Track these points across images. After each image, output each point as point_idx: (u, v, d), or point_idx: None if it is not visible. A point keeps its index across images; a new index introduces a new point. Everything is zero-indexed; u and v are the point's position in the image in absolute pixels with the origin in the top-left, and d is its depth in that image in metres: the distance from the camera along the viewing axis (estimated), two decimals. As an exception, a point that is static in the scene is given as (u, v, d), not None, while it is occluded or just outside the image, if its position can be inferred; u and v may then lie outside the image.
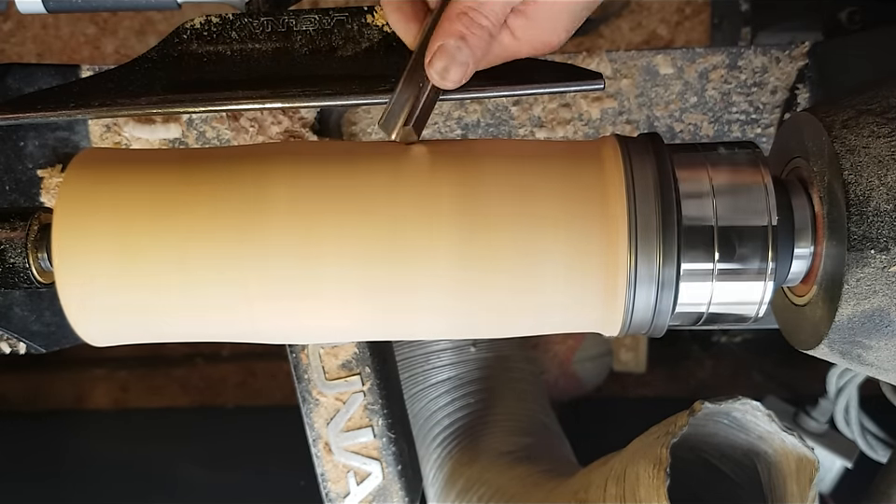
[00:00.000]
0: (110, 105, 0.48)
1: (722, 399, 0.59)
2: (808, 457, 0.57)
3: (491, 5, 0.42)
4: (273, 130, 0.63)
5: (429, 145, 0.44)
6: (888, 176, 0.39)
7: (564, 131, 0.69)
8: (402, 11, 0.45)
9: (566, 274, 0.40)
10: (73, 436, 1.32)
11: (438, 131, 0.70)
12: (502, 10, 0.42)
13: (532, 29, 0.43)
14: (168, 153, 0.45)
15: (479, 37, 0.42)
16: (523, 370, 0.97)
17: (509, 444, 0.86)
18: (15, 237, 0.44)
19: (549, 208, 0.40)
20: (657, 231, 0.40)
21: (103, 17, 1.21)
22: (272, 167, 0.42)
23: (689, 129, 0.69)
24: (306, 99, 0.48)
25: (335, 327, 0.43)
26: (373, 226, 0.40)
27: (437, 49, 0.43)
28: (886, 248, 0.38)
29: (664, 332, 0.43)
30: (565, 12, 0.43)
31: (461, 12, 0.42)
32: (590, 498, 0.66)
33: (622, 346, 1.31)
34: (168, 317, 0.42)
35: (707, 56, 0.68)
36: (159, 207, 0.41)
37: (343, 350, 0.64)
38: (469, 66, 0.43)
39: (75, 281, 0.41)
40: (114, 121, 0.68)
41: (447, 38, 0.42)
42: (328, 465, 0.66)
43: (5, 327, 0.61)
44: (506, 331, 0.44)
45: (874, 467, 1.00)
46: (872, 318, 0.40)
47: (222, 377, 1.39)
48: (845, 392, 1.03)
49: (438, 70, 0.43)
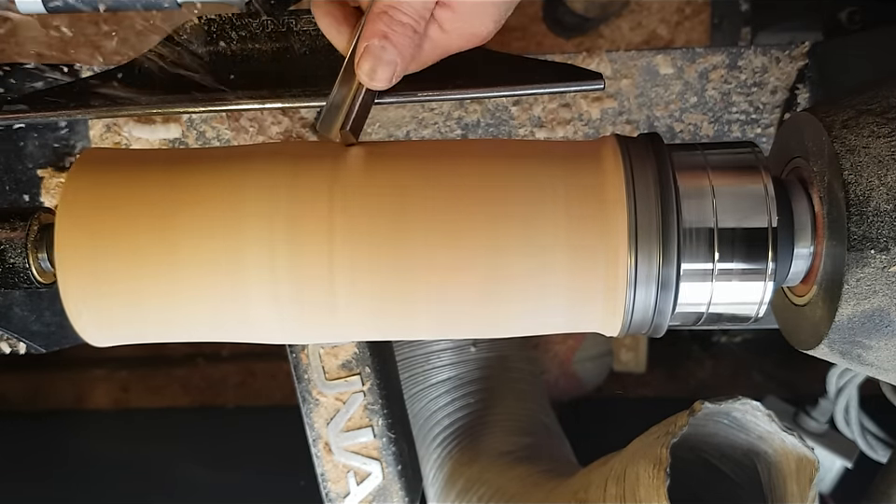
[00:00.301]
0: (110, 105, 0.48)
1: (722, 399, 0.59)
2: (808, 457, 0.57)
3: (411, 2, 0.42)
4: (272, 130, 0.63)
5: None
6: (888, 176, 0.39)
7: (564, 131, 0.69)
8: (332, 16, 0.45)
9: (566, 274, 0.40)
10: (73, 436, 1.32)
11: (438, 131, 0.70)
12: (423, 6, 0.42)
13: (459, 21, 0.44)
14: (170, 153, 0.45)
15: (402, 35, 0.42)
16: (523, 370, 0.97)
17: (509, 444, 0.86)
18: (15, 237, 0.43)
19: (548, 208, 0.40)
20: (657, 231, 0.40)
21: (103, 17, 1.21)
22: (272, 167, 0.42)
23: (689, 129, 0.69)
24: (306, 99, 0.48)
25: (332, 331, 0.43)
26: (366, 227, 0.40)
27: (363, 51, 0.43)
28: (886, 248, 0.38)
29: (664, 332, 0.43)
30: (490, 4, 0.43)
31: (381, 11, 0.42)
32: (590, 498, 0.66)
33: (622, 346, 1.31)
34: (169, 317, 0.42)
35: (707, 56, 0.68)
36: (160, 207, 0.41)
37: (342, 350, 0.64)
38: (398, 65, 0.43)
39: (76, 281, 0.41)
40: (114, 121, 0.68)
41: (371, 39, 0.43)
42: (328, 465, 0.66)
43: (5, 327, 0.61)
44: (507, 331, 0.44)
45: (874, 467, 1.00)
46: (872, 318, 0.40)
47: (222, 377, 1.39)
48: (845, 392, 1.03)
49: (366, 71, 0.43)
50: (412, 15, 0.42)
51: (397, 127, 0.69)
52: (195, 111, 0.49)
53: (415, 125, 0.69)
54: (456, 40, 0.45)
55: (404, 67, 0.44)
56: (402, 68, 0.44)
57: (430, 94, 0.48)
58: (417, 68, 0.46)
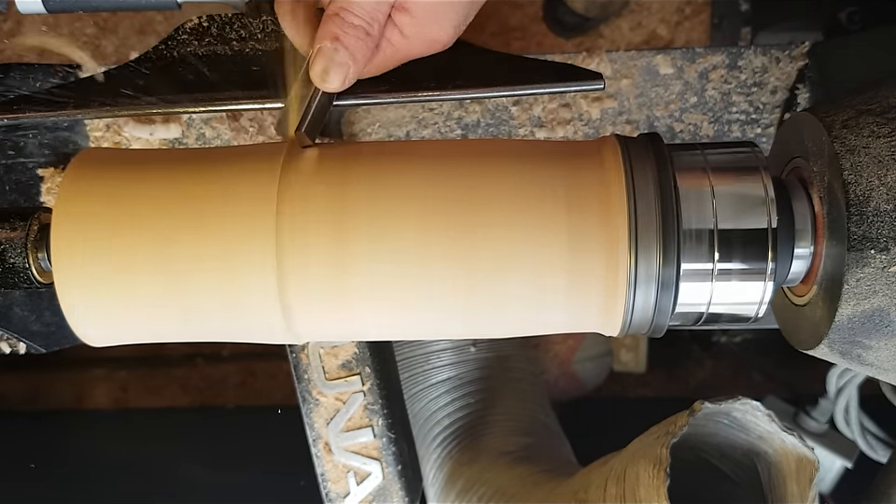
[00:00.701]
0: (110, 105, 0.48)
1: (722, 399, 0.59)
2: (808, 457, 0.57)
3: (362, 4, 0.42)
4: (273, 130, 0.63)
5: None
6: (888, 176, 0.39)
7: (564, 131, 0.69)
8: (294, 15, 0.45)
9: (566, 275, 0.40)
10: (73, 436, 1.32)
11: (438, 131, 0.70)
12: (375, 9, 0.42)
13: (418, 26, 0.44)
14: (168, 153, 0.45)
15: (354, 37, 0.42)
16: (523, 370, 0.97)
17: (509, 444, 0.86)
18: (15, 237, 0.44)
19: (549, 208, 0.40)
20: (657, 231, 0.40)
21: (103, 17, 1.21)
22: (271, 166, 0.42)
23: (689, 129, 0.69)
24: (306, 99, 0.48)
25: (331, 330, 0.43)
26: (367, 226, 0.41)
27: (315, 52, 0.43)
28: (886, 248, 0.38)
29: (664, 332, 0.43)
30: (449, 9, 0.43)
31: (334, 13, 0.42)
32: (590, 498, 0.66)
33: (622, 346, 1.31)
34: (166, 317, 0.42)
35: (707, 56, 0.68)
36: (157, 207, 0.41)
37: (342, 350, 0.64)
38: (350, 68, 0.43)
39: (74, 281, 0.41)
40: (114, 121, 0.68)
41: (323, 41, 0.43)
42: (328, 465, 0.66)
43: (5, 327, 0.61)
44: (506, 331, 0.44)
45: (874, 467, 1.00)
46: (872, 318, 0.40)
47: (222, 377, 1.39)
48: (845, 392, 1.03)
49: (318, 73, 0.43)
50: (363, 17, 0.42)
51: (397, 127, 0.69)
52: (195, 111, 0.49)
53: (415, 125, 0.69)
54: (417, 45, 0.45)
55: (358, 70, 0.44)
56: (356, 70, 0.44)
57: (430, 94, 0.48)
58: (377, 72, 0.46)
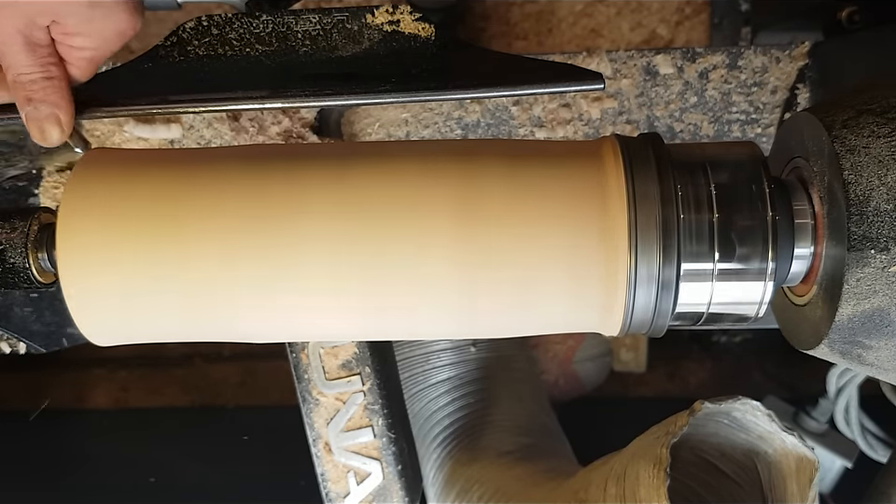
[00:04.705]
0: (110, 105, 0.48)
1: (722, 399, 0.59)
2: (808, 457, 0.57)
3: (21, 59, 0.43)
4: (272, 130, 0.63)
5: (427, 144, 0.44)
6: (888, 176, 0.39)
7: (564, 131, 0.69)
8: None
9: (566, 275, 0.40)
10: (73, 436, 1.32)
11: (438, 131, 0.70)
12: (36, 54, 0.43)
13: (87, 33, 0.44)
14: (171, 153, 0.45)
15: (41, 89, 0.43)
16: (523, 370, 0.97)
17: (509, 444, 0.86)
18: (15, 237, 0.44)
19: (549, 208, 0.40)
20: (657, 231, 0.40)
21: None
22: (273, 168, 0.42)
23: (689, 129, 0.69)
24: (306, 99, 0.48)
25: (333, 327, 0.43)
26: (367, 225, 0.41)
27: (25, 120, 0.44)
28: (886, 248, 0.38)
29: (664, 332, 0.43)
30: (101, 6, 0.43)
31: (12, 81, 0.43)
32: (590, 498, 0.66)
33: (622, 346, 1.31)
34: (171, 317, 0.42)
35: (707, 56, 0.68)
36: (162, 207, 0.41)
37: (343, 350, 0.64)
38: (59, 114, 0.44)
39: (79, 280, 0.41)
40: (114, 121, 0.68)
41: (23, 108, 0.44)
42: (328, 465, 0.66)
43: (5, 327, 0.61)
44: (506, 331, 0.44)
45: (874, 467, 1.00)
46: (872, 318, 0.40)
47: (222, 377, 1.39)
48: (845, 392, 1.03)
49: (37, 136, 0.45)
50: (33, 68, 0.43)
51: (397, 127, 0.70)
52: (195, 111, 0.49)
53: (415, 125, 0.69)
54: (103, 43, 0.45)
55: (68, 109, 0.45)
56: (67, 111, 0.45)
57: (430, 94, 0.48)
58: (86, 78, 0.46)
